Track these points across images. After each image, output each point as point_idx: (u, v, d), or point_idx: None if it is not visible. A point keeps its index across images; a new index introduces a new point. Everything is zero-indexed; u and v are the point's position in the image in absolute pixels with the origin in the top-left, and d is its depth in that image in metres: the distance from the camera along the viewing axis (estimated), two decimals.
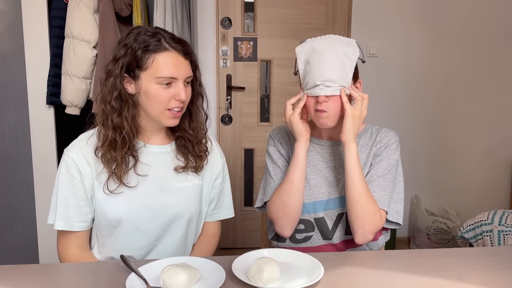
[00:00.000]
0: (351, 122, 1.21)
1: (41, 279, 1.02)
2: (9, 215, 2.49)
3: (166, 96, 1.16)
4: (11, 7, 2.35)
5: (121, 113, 1.18)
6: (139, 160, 1.22)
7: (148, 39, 1.15)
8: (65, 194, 1.19)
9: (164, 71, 1.14)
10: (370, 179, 1.28)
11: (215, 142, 1.40)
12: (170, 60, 1.15)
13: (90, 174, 1.19)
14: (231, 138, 2.97)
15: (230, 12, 2.85)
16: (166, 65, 1.14)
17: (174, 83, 1.16)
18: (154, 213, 1.23)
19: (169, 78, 1.15)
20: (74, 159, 1.18)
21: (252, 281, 0.96)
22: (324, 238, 1.33)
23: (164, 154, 1.27)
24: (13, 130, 2.44)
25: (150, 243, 1.25)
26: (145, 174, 1.21)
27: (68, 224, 1.19)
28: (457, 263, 1.11)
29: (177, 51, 1.16)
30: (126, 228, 1.21)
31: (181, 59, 1.17)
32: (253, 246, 2.88)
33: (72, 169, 1.18)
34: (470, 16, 2.99)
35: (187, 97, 1.20)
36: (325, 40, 1.24)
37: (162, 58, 1.14)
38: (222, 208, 1.41)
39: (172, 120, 1.20)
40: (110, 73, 1.17)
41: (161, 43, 1.15)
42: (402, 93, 3.04)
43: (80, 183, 1.19)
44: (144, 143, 1.24)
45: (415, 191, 3.12)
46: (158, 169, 1.24)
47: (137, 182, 1.20)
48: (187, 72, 1.18)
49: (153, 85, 1.15)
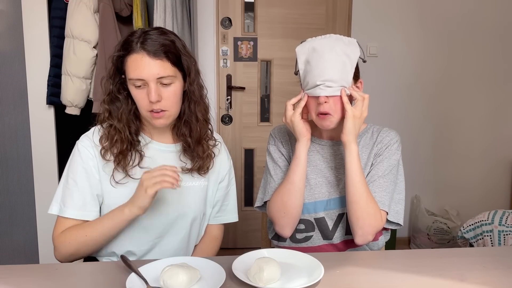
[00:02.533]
0: (352, 122, 1.20)
1: (41, 279, 1.02)
2: (9, 215, 2.49)
3: (141, 98, 1.16)
4: (11, 7, 2.35)
5: (116, 113, 1.21)
6: (144, 155, 1.24)
7: (130, 39, 1.16)
8: (82, 184, 1.20)
9: (131, 73, 1.15)
10: (371, 179, 1.28)
11: (223, 146, 1.40)
12: (136, 62, 1.14)
13: (96, 167, 1.22)
14: (231, 138, 2.97)
15: (230, 12, 2.84)
16: (133, 67, 1.14)
17: (147, 85, 1.15)
18: (158, 209, 1.23)
19: (137, 79, 1.15)
20: (88, 148, 1.22)
21: (252, 281, 0.96)
22: (324, 238, 1.33)
23: (169, 153, 1.28)
24: (13, 130, 2.44)
25: (153, 239, 1.26)
26: (149, 167, 1.21)
27: (83, 213, 1.20)
28: (457, 263, 1.11)
29: (145, 51, 1.13)
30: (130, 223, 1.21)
31: (148, 60, 1.13)
32: (253, 246, 2.88)
33: (86, 158, 1.21)
34: (470, 16, 2.99)
35: (165, 98, 1.16)
36: (326, 40, 1.23)
37: (131, 59, 1.15)
38: (226, 212, 1.41)
39: (157, 120, 1.19)
40: (108, 72, 1.21)
41: (133, 44, 1.15)
42: (402, 93, 3.04)
43: (96, 171, 1.21)
44: (150, 139, 1.27)
45: (415, 191, 3.12)
46: (151, 160, 1.25)
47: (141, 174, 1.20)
48: (156, 73, 1.14)
49: (131, 86, 1.18)
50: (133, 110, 1.23)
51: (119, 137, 1.20)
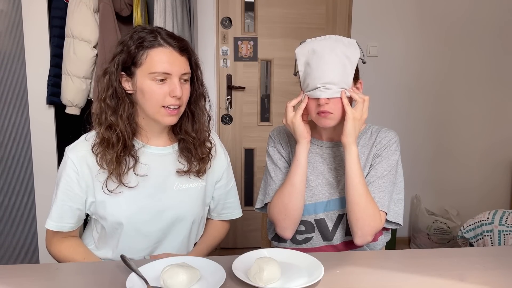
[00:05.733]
0: (352, 124, 1.21)
1: (41, 279, 1.02)
2: (9, 215, 2.49)
3: (161, 92, 1.14)
4: (11, 7, 2.35)
5: (116, 111, 1.16)
6: (139, 160, 1.20)
7: (144, 35, 1.14)
8: (61, 196, 1.19)
9: (158, 66, 1.13)
10: (370, 180, 1.28)
11: (219, 144, 1.37)
12: (163, 56, 1.13)
13: (89, 175, 1.18)
14: (231, 138, 2.97)
15: (230, 11, 2.84)
16: (160, 61, 1.13)
17: (169, 79, 1.14)
18: (155, 216, 1.22)
19: (162, 73, 1.13)
20: (73, 160, 1.17)
21: (253, 281, 0.96)
22: (324, 239, 1.33)
23: (165, 156, 1.25)
24: (13, 130, 2.44)
25: (152, 245, 1.25)
26: (145, 174, 1.20)
27: (59, 225, 1.20)
28: (457, 263, 1.11)
29: (172, 47, 1.14)
30: (127, 231, 1.20)
31: (176, 55, 1.15)
32: (253, 246, 2.87)
33: (70, 170, 1.18)
34: (471, 16, 2.99)
35: (184, 95, 1.18)
36: (325, 41, 1.22)
37: (156, 53, 1.13)
38: (231, 208, 1.41)
39: (168, 118, 1.17)
40: (106, 71, 1.17)
41: (156, 39, 1.14)
42: (402, 93, 3.04)
43: (77, 185, 1.18)
44: (144, 144, 1.23)
45: (415, 191, 3.12)
46: (159, 170, 1.23)
47: (136, 182, 1.19)
48: (182, 69, 1.16)
49: (147, 81, 1.14)
50: (132, 112, 1.19)
51: (116, 139, 1.15)
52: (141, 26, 1.19)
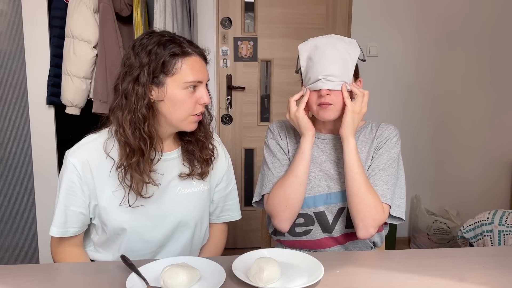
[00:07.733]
0: (351, 117, 1.23)
1: (41, 279, 1.02)
2: (9, 215, 2.49)
3: (192, 101, 1.15)
4: (11, 7, 2.35)
5: (148, 121, 1.13)
6: (156, 170, 1.19)
7: (170, 44, 1.13)
8: (64, 201, 1.17)
9: (192, 75, 1.13)
10: (372, 172, 1.28)
11: (221, 146, 1.37)
12: (196, 64, 1.15)
13: (91, 179, 1.16)
14: (231, 138, 2.97)
15: (230, 12, 2.84)
16: (194, 70, 1.14)
17: (198, 87, 1.16)
18: (157, 221, 1.22)
19: (196, 82, 1.15)
20: (75, 164, 1.15)
21: (253, 281, 0.96)
22: (324, 231, 1.33)
23: (170, 160, 1.24)
24: (13, 130, 2.44)
25: (154, 250, 1.24)
26: (159, 184, 1.19)
27: (63, 231, 1.17)
28: (457, 263, 1.11)
29: (199, 55, 1.17)
30: (130, 237, 1.20)
31: (203, 63, 1.18)
32: (253, 246, 2.87)
33: (72, 175, 1.16)
34: (470, 15, 2.99)
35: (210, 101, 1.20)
36: (327, 39, 1.27)
37: (190, 62, 1.14)
38: (230, 211, 1.40)
39: (193, 125, 1.19)
40: (138, 80, 1.11)
41: (185, 47, 1.14)
42: (402, 92, 3.04)
43: (80, 189, 1.16)
44: (159, 152, 1.20)
45: (415, 191, 3.12)
46: (164, 175, 1.22)
47: (152, 192, 1.18)
48: (208, 76, 1.19)
49: (180, 90, 1.13)
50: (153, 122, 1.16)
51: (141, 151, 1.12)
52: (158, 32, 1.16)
